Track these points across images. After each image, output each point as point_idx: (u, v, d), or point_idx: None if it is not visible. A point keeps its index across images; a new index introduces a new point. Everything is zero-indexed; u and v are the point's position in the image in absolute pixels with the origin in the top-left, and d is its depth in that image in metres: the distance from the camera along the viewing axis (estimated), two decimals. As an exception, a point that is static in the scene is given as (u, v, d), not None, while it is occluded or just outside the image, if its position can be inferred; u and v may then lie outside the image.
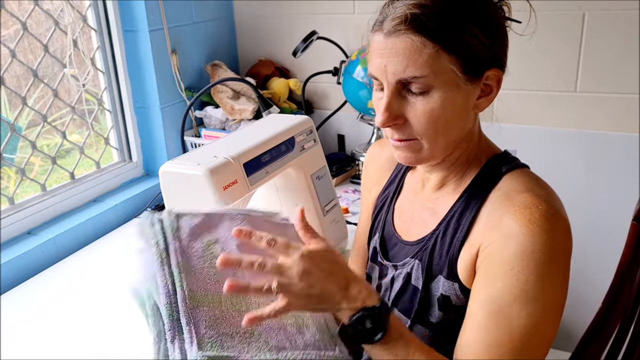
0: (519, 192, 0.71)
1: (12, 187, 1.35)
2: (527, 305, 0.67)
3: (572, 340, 1.77)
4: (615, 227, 1.56)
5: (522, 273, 0.66)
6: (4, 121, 1.30)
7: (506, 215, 0.69)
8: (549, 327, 0.68)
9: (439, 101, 0.70)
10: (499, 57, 0.73)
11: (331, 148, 1.93)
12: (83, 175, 1.54)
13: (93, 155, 1.58)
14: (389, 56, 0.69)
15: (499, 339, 0.67)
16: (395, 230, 0.88)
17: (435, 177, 0.82)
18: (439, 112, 0.70)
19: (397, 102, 0.71)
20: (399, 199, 0.91)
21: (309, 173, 1.17)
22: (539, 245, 0.66)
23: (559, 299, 0.69)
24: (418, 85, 0.69)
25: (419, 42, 0.67)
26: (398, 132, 0.73)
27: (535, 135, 1.65)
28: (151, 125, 1.66)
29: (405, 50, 0.67)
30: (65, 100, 1.48)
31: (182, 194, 0.95)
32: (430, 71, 0.68)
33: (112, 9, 1.55)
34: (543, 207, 0.68)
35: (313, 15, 1.82)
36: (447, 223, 0.78)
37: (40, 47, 1.39)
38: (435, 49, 0.67)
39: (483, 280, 0.70)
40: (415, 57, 0.67)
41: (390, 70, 0.69)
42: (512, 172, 0.76)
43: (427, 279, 0.78)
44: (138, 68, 1.61)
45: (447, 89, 0.69)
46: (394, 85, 0.70)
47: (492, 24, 0.72)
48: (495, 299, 0.68)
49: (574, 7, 1.51)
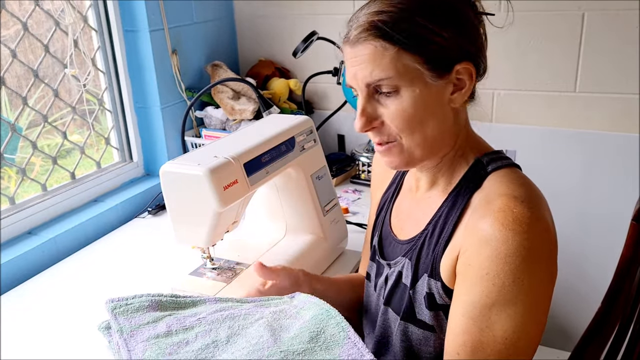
0: (497, 195, 0.71)
1: (12, 187, 1.35)
2: (506, 308, 0.67)
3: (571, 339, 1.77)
4: (615, 227, 1.56)
5: (497, 277, 0.67)
6: (5, 121, 1.30)
7: (482, 219, 0.70)
8: (533, 328, 0.68)
9: (409, 100, 0.72)
10: (469, 51, 0.74)
11: (331, 148, 1.93)
12: (83, 175, 1.54)
13: (94, 155, 1.58)
14: (356, 64, 0.73)
15: (483, 342, 0.68)
16: (391, 229, 0.90)
17: (426, 176, 0.83)
18: (411, 110, 0.72)
19: (371, 106, 0.75)
20: (398, 199, 0.92)
21: (309, 173, 1.17)
22: (512, 249, 0.66)
23: (542, 298, 0.69)
24: (386, 87, 0.72)
25: (380, 46, 0.71)
26: (378, 135, 0.76)
27: (535, 135, 1.65)
28: (152, 125, 1.66)
29: (369, 55, 0.71)
30: (66, 100, 1.49)
31: (182, 194, 0.95)
32: (395, 72, 0.71)
33: (112, 9, 1.55)
34: (517, 210, 0.67)
35: (313, 16, 1.83)
36: (435, 223, 0.79)
37: (41, 48, 1.39)
38: (395, 50, 0.70)
39: (462, 284, 0.71)
40: (379, 60, 0.71)
41: (359, 76, 0.73)
42: (497, 172, 0.76)
43: (414, 278, 0.80)
44: (138, 68, 1.61)
45: (415, 87, 0.72)
46: (365, 90, 0.74)
47: (456, 20, 0.73)
48: (475, 303, 0.69)
49: (574, 7, 1.51)
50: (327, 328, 0.70)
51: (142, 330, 0.70)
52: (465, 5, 0.75)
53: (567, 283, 1.75)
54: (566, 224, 1.69)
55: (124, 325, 0.71)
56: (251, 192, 1.00)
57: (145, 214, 1.56)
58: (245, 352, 0.65)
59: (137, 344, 0.68)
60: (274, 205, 1.21)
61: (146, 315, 0.73)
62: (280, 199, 1.19)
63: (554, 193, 1.67)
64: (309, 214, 1.18)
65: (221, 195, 0.91)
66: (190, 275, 1.07)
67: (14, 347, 0.99)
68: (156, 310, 0.74)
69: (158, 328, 0.71)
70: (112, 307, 0.73)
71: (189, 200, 0.95)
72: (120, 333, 0.70)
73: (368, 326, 0.94)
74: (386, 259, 0.89)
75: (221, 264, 1.10)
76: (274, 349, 0.66)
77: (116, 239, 1.43)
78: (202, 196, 0.92)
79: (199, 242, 1.00)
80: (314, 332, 0.69)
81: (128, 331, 0.70)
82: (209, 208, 0.93)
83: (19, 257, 1.23)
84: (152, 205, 1.57)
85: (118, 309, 0.73)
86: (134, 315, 0.73)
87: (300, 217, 1.19)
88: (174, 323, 0.72)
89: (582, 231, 1.68)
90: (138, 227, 1.49)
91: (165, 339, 0.68)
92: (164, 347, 0.67)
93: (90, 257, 1.34)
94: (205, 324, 0.72)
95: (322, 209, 1.20)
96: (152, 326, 0.71)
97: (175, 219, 0.99)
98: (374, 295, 0.91)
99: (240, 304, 0.77)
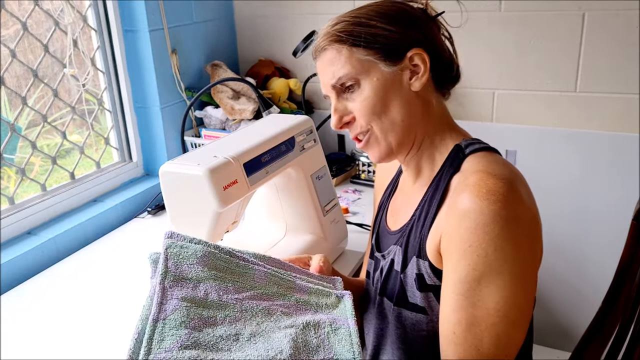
0: (472, 172, 0.74)
1: (12, 187, 1.35)
2: (494, 278, 0.68)
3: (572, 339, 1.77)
4: (615, 226, 1.56)
5: (480, 248, 0.68)
6: (4, 121, 1.30)
7: (459, 196, 0.72)
8: (523, 296, 0.70)
9: (369, 88, 0.79)
10: (418, 39, 0.80)
11: (331, 148, 1.93)
12: (83, 175, 1.54)
13: (93, 155, 1.58)
14: (321, 72, 0.83)
15: (477, 316, 0.69)
16: (386, 224, 0.93)
17: (412, 169, 0.87)
18: (373, 97, 0.79)
19: (341, 104, 0.83)
20: (394, 197, 0.96)
21: (309, 173, 1.17)
22: (489, 218, 0.68)
23: (528, 269, 0.71)
24: (347, 83, 0.80)
25: (334, 49, 0.80)
26: (352, 129, 0.83)
27: (535, 135, 1.65)
28: (151, 125, 1.66)
29: (328, 60, 0.81)
30: (66, 100, 1.48)
31: (182, 194, 0.95)
32: (351, 67, 0.79)
33: (112, 9, 1.55)
34: (491, 182, 0.70)
35: (313, 15, 1.83)
36: (422, 208, 0.81)
37: (41, 47, 1.39)
38: (347, 48, 0.79)
39: (448, 263, 0.73)
40: (335, 61, 0.80)
41: (325, 81, 0.83)
42: (475, 154, 0.79)
43: (404, 262, 0.82)
44: (138, 68, 1.61)
45: (372, 77, 0.79)
46: (333, 92, 0.83)
47: (402, 18, 0.80)
48: (463, 279, 0.70)
49: (574, 7, 1.51)
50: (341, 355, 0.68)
51: (182, 285, 0.70)
52: (412, 8, 0.83)
53: (567, 283, 1.75)
54: (566, 224, 1.69)
55: (170, 270, 0.70)
56: (251, 192, 1.00)
57: (144, 214, 1.56)
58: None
59: (171, 299, 0.68)
60: (274, 205, 1.20)
61: (193, 268, 0.72)
62: (280, 199, 1.19)
63: (554, 193, 1.67)
64: (309, 214, 1.18)
65: (221, 195, 0.91)
66: (190, 276, 1.07)
67: (14, 347, 0.99)
68: (205, 267, 0.73)
69: (197, 290, 0.70)
70: (168, 245, 0.72)
71: (189, 200, 0.94)
72: (163, 277, 0.69)
73: (368, 321, 0.94)
74: (381, 251, 0.91)
75: (221, 264, 1.09)
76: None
77: (116, 239, 1.43)
78: (201, 196, 0.92)
79: (198, 242, 1.00)
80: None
81: (171, 279, 0.70)
82: (209, 208, 0.93)
83: (18, 257, 1.23)
84: (151, 205, 1.57)
85: (171, 249, 0.72)
86: (183, 262, 0.72)
87: (300, 217, 1.19)
88: (213, 292, 0.71)
89: (582, 231, 1.68)
90: (138, 227, 1.49)
91: (197, 309, 0.68)
92: (192, 316, 0.67)
93: (90, 257, 1.33)
94: (238, 310, 0.71)
95: (322, 209, 1.19)
96: (194, 285, 0.70)
97: (174, 219, 0.99)
98: (372, 290, 0.93)
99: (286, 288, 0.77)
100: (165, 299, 0.68)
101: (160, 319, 0.66)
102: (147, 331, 0.64)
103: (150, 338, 0.63)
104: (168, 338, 0.64)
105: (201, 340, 0.65)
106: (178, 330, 0.65)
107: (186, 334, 0.65)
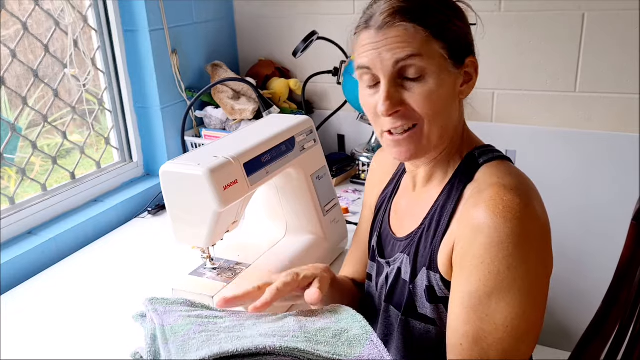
0: (488, 185, 0.73)
1: (12, 187, 1.35)
2: (504, 295, 0.68)
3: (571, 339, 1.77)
4: (615, 226, 1.56)
5: (492, 265, 0.68)
6: (5, 121, 1.30)
7: (473, 208, 0.71)
8: (533, 314, 0.69)
9: (434, 84, 0.73)
10: (473, 46, 0.78)
11: (331, 148, 1.93)
12: (83, 175, 1.54)
13: (93, 155, 1.58)
14: (383, 45, 0.72)
15: (485, 330, 0.69)
16: (391, 228, 0.91)
17: (422, 171, 0.84)
18: (437, 94, 0.73)
19: (396, 90, 0.74)
20: (395, 198, 0.93)
21: (309, 173, 1.17)
22: (504, 235, 0.67)
23: (539, 283, 0.70)
24: (414, 69, 0.72)
25: (412, 28, 0.71)
26: (400, 119, 0.75)
27: (535, 135, 1.65)
28: (151, 125, 1.66)
29: (401, 37, 0.71)
30: (66, 100, 1.49)
31: (182, 194, 0.95)
32: (425, 54, 0.71)
33: (112, 9, 1.55)
34: (507, 198, 0.69)
35: (313, 16, 1.83)
36: (432, 216, 0.80)
37: (41, 47, 1.39)
38: (426, 35, 0.71)
39: (459, 275, 0.72)
40: (410, 40, 0.71)
41: (386, 57, 0.72)
42: (489, 164, 0.77)
43: (413, 272, 0.81)
44: (138, 68, 1.61)
45: (439, 73, 0.73)
46: (391, 73, 0.73)
47: (462, 14, 0.77)
48: (473, 293, 0.69)
49: (574, 7, 1.51)
50: (352, 329, 0.70)
51: (176, 311, 0.73)
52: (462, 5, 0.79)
53: (567, 283, 1.75)
54: (566, 224, 1.69)
55: (158, 308, 0.74)
56: (251, 192, 1.00)
57: (145, 214, 1.56)
58: (270, 331, 0.67)
59: (169, 319, 0.71)
60: (274, 205, 1.21)
61: (181, 306, 0.76)
62: (280, 199, 1.19)
63: (554, 193, 1.67)
64: (309, 214, 1.18)
65: (221, 195, 0.91)
66: (190, 275, 1.07)
67: (14, 347, 0.99)
68: (190, 306, 0.77)
69: (191, 312, 0.73)
70: (150, 300, 0.76)
71: (189, 200, 0.94)
72: (155, 312, 0.73)
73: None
74: (385, 258, 0.89)
75: (221, 264, 1.10)
76: (298, 333, 0.67)
77: (116, 239, 1.43)
78: (202, 196, 0.92)
79: (199, 242, 1.00)
80: (338, 330, 0.70)
81: (162, 311, 0.73)
82: (209, 208, 0.93)
83: (19, 257, 1.23)
84: (152, 205, 1.57)
85: (156, 300, 0.76)
86: (170, 306, 0.76)
87: (300, 217, 1.19)
88: (206, 312, 0.75)
89: (582, 231, 1.68)
90: (138, 227, 1.49)
91: (196, 318, 0.71)
92: (194, 322, 0.70)
93: (90, 257, 1.34)
94: (234, 317, 0.74)
95: (322, 209, 1.20)
96: (186, 311, 0.74)
97: (175, 219, 0.99)
98: (376, 295, 0.92)
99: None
100: (165, 320, 0.70)
101: (166, 324, 0.68)
102: (158, 334, 0.66)
103: (163, 335, 0.66)
104: (180, 330, 0.66)
105: (209, 328, 0.67)
106: (188, 326, 0.67)
107: (198, 327, 0.67)
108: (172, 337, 0.65)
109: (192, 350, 0.61)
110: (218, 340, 0.63)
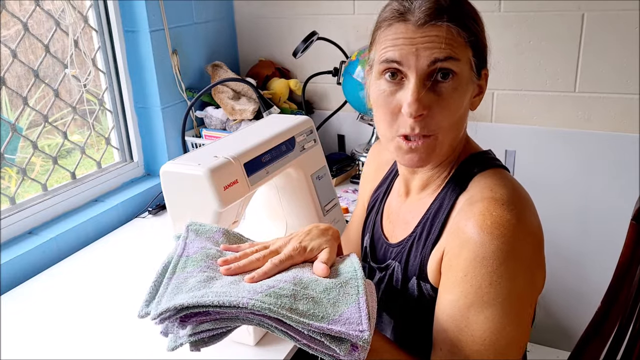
0: (480, 198, 0.71)
1: (13, 187, 1.35)
2: (483, 310, 0.67)
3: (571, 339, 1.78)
4: (615, 226, 1.56)
5: (475, 279, 0.67)
6: (5, 121, 1.30)
7: (463, 221, 0.70)
8: (513, 330, 0.68)
9: (462, 91, 0.71)
10: (486, 57, 0.77)
11: (331, 148, 1.94)
12: (84, 175, 1.54)
13: (94, 155, 1.58)
14: (421, 42, 0.68)
15: (462, 341, 0.69)
16: (383, 232, 0.90)
17: (419, 178, 0.83)
18: (458, 104, 0.71)
19: (425, 93, 0.69)
20: (387, 201, 0.93)
21: (309, 173, 1.17)
22: (489, 252, 0.66)
23: (524, 301, 0.69)
24: (447, 72, 0.69)
25: (455, 31, 0.68)
26: (421, 125, 0.70)
27: (535, 135, 1.65)
28: (152, 125, 1.67)
29: (444, 37, 0.68)
30: (66, 100, 1.49)
31: (182, 194, 0.95)
32: (461, 59, 0.70)
33: (113, 9, 1.55)
34: (497, 213, 0.68)
35: (313, 16, 1.83)
36: (423, 225, 0.79)
37: (41, 48, 1.39)
38: (464, 40, 0.69)
39: (445, 284, 0.72)
40: (452, 42, 0.68)
41: (424, 54, 0.68)
42: (483, 173, 0.76)
43: (404, 280, 0.80)
44: (139, 68, 1.61)
45: (465, 83, 0.72)
46: (425, 72, 0.69)
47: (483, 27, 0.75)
48: (454, 302, 0.69)
49: (573, 7, 1.51)
50: (346, 285, 0.69)
51: (200, 244, 0.78)
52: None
53: (567, 282, 1.75)
54: (566, 224, 1.69)
55: (190, 235, 0.79)
56: (251, 192, 1.00)
57: (145, 213, 1.56)
58: (264, 286, 0.67)
59: (190, 249, 0.76)
60: (274, 205, 1.21)
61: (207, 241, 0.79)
62: (280, 199, 1.19)
63: (554, 193, 1.67)
64: (309, 214, 1.18)
65: (221, 195, 0.91)
66: (190, 275, 1.07)
67: (14, 347, 1.00)
68: (220, 237, 0.81)
69: (209, 251, 0.77)
70: (188, 224, 0.81)
71: (190, 200, 0.95)
72: (184, 239, 0.78)
73: None
74: (377, 263, 0.89)
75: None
76: (288, 284, 0.67)
77: (116, 239, 1.44)
78: (202, 196, 0.92)
79: (199, 242, 1.00)
80: (331, 284, 0.69)
81: (191, 239, 0.78)
82: (209, 208, 0.93)
83: (19, 257, 1.24)
84: (152, 205, 1.57)
85: (192, 226, 0.81)
86: (199, 237, 0.80)
87: (300, 217, 1.19)
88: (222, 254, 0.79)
89: (582, 231, 1.68)
90: (138, 227, 1.50)
91: (210, 260, 0.74)
92: (205, 261, 0.73)
93: (90, 257, 1.34)
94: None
95: (322, 209, 1.20)
96: (209, 248, 0.77)
97: (175, 218, 0.99)
98: None
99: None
100: (189, 247, 0.76)
101: (184, 255, 0.74)
102: (172, 262, 0.72)
103: (175, 265, 0.72)
104: (190, 265, 0.72)
105: (210, 274, 0.71)
106: (199, 262, 0.72)
107: (206, 265, 0.72)
108: (179, 271, 0.70)
109: (184, 292, 0.65)
110: (210, 286, 0.66)
